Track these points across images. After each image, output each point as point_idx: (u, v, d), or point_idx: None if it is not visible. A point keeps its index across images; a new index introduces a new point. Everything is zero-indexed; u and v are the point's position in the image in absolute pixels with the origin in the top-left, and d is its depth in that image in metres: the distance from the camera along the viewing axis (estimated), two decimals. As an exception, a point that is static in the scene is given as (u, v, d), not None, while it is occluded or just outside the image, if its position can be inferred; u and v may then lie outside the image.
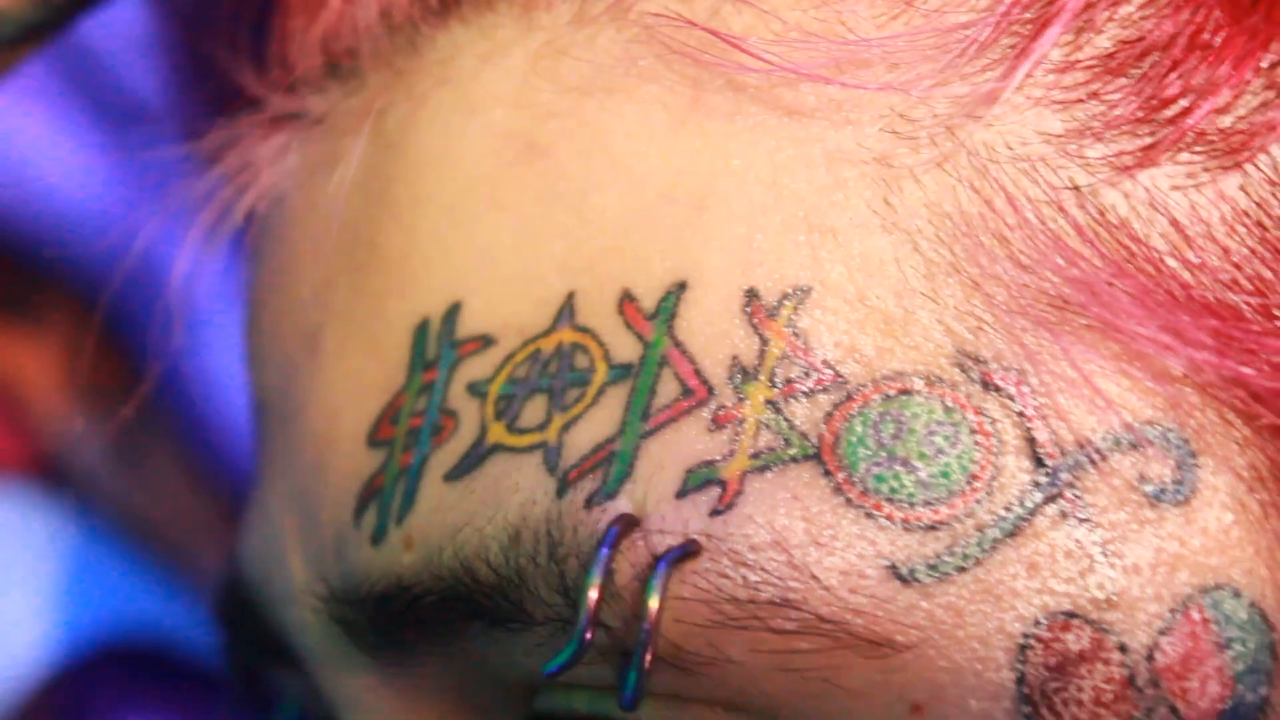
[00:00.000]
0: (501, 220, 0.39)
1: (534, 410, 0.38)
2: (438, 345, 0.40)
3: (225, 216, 0.45)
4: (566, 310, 0.38)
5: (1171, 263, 0.36)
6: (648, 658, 0.35)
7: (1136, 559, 0.35)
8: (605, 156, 0.38)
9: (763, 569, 0.35)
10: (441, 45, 0.41)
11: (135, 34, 0.67)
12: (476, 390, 0.39)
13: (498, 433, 0.38)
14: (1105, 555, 0.35)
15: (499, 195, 0.39)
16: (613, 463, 0.37)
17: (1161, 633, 0.35)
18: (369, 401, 0.41)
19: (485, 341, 0.39)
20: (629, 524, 0.36)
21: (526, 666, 0.38)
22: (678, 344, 0.37)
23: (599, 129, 0.39)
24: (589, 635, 0.36)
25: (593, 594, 0.35)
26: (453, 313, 0.39)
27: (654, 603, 0.35)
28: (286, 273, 0.44)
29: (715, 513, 0.36)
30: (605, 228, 0.38)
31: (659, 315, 0.37)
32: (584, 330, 0.38)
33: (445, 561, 0.38)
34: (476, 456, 0.38)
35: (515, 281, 0.39)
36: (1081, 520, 0.35)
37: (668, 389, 0.37)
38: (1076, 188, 0.36)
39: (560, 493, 0.37)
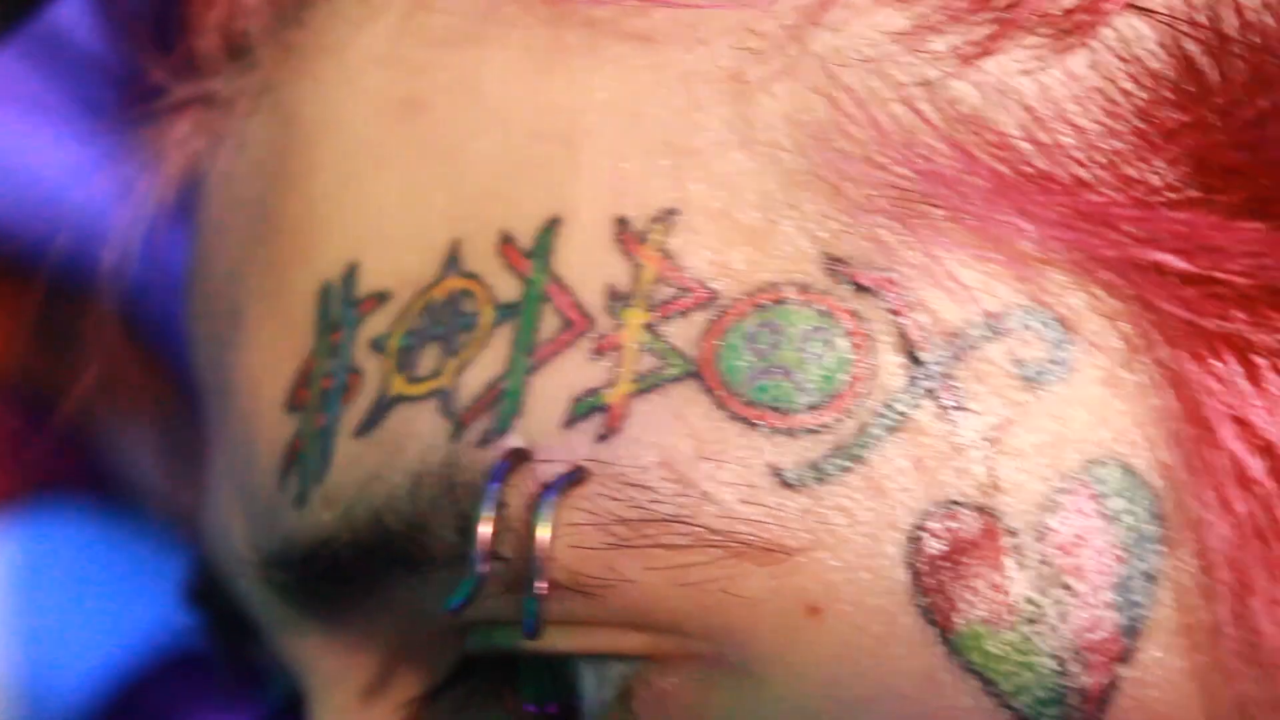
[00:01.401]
0: (387, 178, 0.40)
1: (429, 359, 0.39)
2: (340, 307, 0.40)
3: (143, 202, 0.46)
4: (452, 258, 0.39)
5: (1025, 146, 0.36)
6: (543, 585, 0.36)
7: (1018, 442, 0.36)
8: (477, 105, 0.39)
9: (650, 488, 0.36)
10: (323, 15, 0.42)
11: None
12: (378, 346, 0.40)
13: (398, 384, 0.39)
14: (987, 441, 0.36)
15: (383, 154, 0.40)
16: (503, 400, 0.38)
17: (1049, 512, 0.35)
18: (284, 369, 0.42)
19: (381, 298, 0.40)
20: (519, 458, 0.37)
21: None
22: (556, 279, 0.38)
23: (470, 79, 0.39)
24: (484, 569, 0.36)
25: (483, 528, 0.36)
26: (351, 274, 0.40)
27: (542, 530, 0.36)
28: (207, 254, 0.46)
29: (602, 438, 0.37)
30: (482, 174, 0.39)
31: (536, 253, 0.38)
32: (469, 275, 0.39)
33: (359, 514, 0.39)
34: (380, 409, 0.39)
35: (405, 236, 0.40)
36: (961, 409, 0.36)
37: (550, 323, 0.38)
38: (926, 83, 0.36)
39: (456, 435, 0.38)
